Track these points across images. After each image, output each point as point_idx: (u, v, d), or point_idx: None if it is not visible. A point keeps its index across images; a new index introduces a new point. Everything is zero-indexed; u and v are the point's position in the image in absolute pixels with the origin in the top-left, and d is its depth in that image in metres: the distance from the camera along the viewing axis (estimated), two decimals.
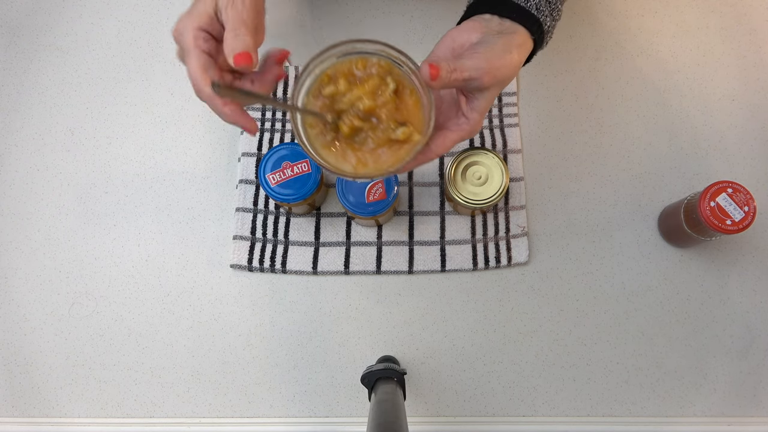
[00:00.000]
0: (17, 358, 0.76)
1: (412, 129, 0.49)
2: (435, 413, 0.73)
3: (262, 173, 0.70)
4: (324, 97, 0.50)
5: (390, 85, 0.49)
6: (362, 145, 0.50)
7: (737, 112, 0.81)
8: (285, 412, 0.73)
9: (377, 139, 0.49)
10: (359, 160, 0.50)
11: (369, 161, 0.49)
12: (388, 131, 0.49)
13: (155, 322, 0.76)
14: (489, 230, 0.76)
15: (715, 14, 0.84)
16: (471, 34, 0.51)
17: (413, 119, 0.50)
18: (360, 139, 0.50)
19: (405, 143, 0.49)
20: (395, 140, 0.49)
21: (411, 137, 0.49)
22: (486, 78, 0.47)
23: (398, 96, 0.50)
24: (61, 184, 0.81)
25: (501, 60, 0.48)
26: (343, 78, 0.49)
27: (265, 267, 0.76)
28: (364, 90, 0.49)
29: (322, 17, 0.86)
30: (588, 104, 0.81)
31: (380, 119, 0.49)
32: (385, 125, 0.49)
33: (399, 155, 0.49)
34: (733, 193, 0.65)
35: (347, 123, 0.49)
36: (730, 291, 0.75)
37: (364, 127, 0.49)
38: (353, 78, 0.50)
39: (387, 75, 0.50)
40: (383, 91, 0.49)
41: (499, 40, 0.50)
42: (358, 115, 0.49)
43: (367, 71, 0.50)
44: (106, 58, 0.86)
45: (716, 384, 0.73)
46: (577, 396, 0.73)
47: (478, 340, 0.75)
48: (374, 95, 0.49)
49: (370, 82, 0.49)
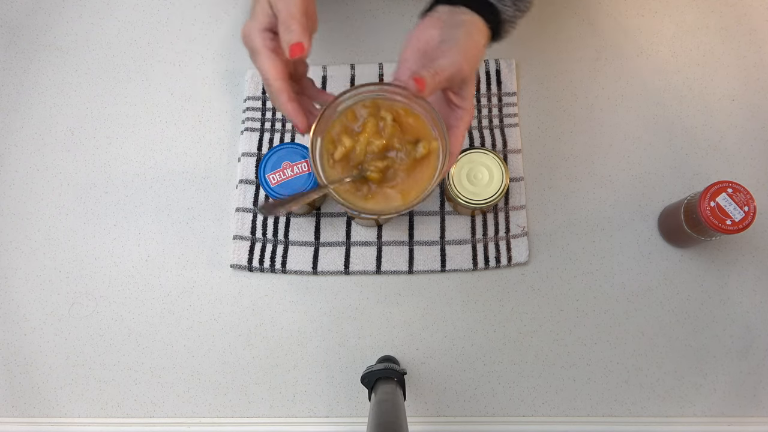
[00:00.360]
0: (17, 358, 0.76)
1: (428, 140, 0.52)
2: (435, 413, 0.73)
3: (262, 173, 0.70)
4: (339, 162, 0.52)
5: (387, 117, 0.52)
6: (396, 179, 0.53)
7: (737, 112, 0.80)
8: (285, 412, 0.73)
9: (405, 167, 0.52)
10: (401, 193, 0.52)
11: (410, 189, 0.52)
12: (410, 155, 0.52)
13: (155, 322, 0.76)
14: (489, 230, 0.76)
15: (715, 14, 0.84)
16: (430, 30, 0.53)
17: (422, 133, 0.53)
18: (391, 175, 0.52)
19: (429, 155, 0.52)
20: (420, 159, 0.52)
21: (431, 147, 0.52)
22: (465, 67, 0.51)
23: (398, 122, 0.53)
24: (61, 184, 0.81)
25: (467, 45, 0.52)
26: (345, 135, 0.52)
27: (265, 267, 0.76)
28: (369, 133, 0.52)
29: (322, 18, 0.86)
30: (588, 104, 0.81)
31: (397, 149, 0.52)
32: (405, 151, 0.52)
33: (431, 168, 0.52)
34: (733, 193, 0.65)
35: (373, 169, 0.52)
36: (730, 291, 0.75)
37: (389, 164, 0.52)
38: (352, 131, 0.53)
39: (378, 110, 0.52)
40: (384, 125, 0.52)
41: (459, 31, 0.52)
42: (378, 157, 0.52)
43: (359, 118, 0.53)
44: (106, 58, 0.86)
45: (716, 384, 0.73)
46: (577, 396, 0.73)
47: (478, 340, 0.75)
48: (379, 133, 0.52)
49: (368, 125, 0.52)
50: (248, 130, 0.81)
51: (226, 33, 0.86)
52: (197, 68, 0.85)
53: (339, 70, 0.82)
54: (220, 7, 0.87)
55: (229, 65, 0.85)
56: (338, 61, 0.84)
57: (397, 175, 0.52)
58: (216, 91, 0.84)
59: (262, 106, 0.82)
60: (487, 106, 0.81)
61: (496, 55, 0.83)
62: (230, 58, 0.85)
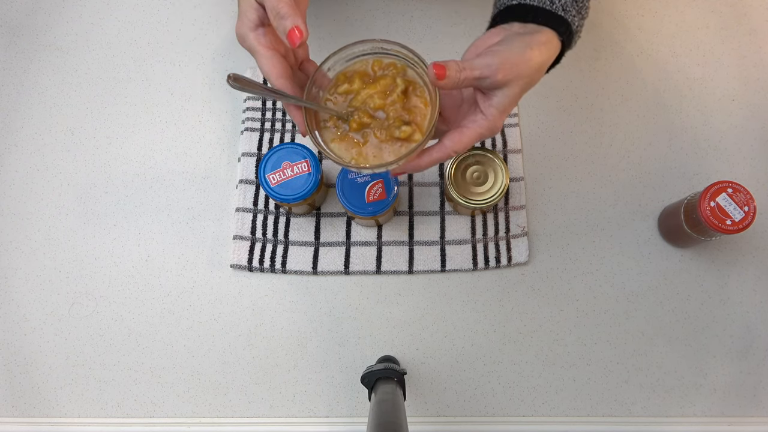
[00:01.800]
0: (17, 358, 0.76)
1: (415, 129, 0.51)
2: (435, 413, 0.73)
3: (262, 173, 0.70)
4: (338, 95, 0.53)
5: (399, 86, 0.52)
6: (366, 141, 0.52)
7: (737, 112, 0.80)
8: (285, 412, 0.73)
9: (381, 136, 0.52)
10: (360, 154, 0.52)
11: (370, 156, 0.52)
12: (392, 129, 0.51)
13: (155, 322, 0.76)
14: (489, 230, 0.76)
15: (715, 14, 0.84)
16: (494, 37, 0.51)
17: (418, 120, 0.52)
18: (365, 134, 0.52)
19: (406, 141, 0.51)
20: (398, 138, 0.51)
21: (412, 136, 0.51)
22: (499, 75, 0.47)
23: (407, 97, 0.52)
24: (61, 184, 0.81)
25: (517, 57, 0.48)
26: (358, 77, 0.53)
27: (265, 267, 0.76)
28: (376, 89, 0.52)
29: (322, 16, 0.86)
30: (588, 104, 0.81)
31: (387, 117, 0.52)
32: (390, 123, 0.52)
33: (400, 153, 0.51)
34: (733, 193, 0.65)
35: (356, 119, 0.52)
36: (730, 291, 0.75)
37: (371, 124, 0.52)
38: (367, 77, 0.53)
39: (398, 76, 0.52)
40: (393, 91, 0.52)
41: (518, 39, 0.50)
42: (368, 112, 0.52)
43: (381, 71, 0.53)
44: (106, 58, 0.86)
45: (716, 384, 0.73)
46: (577, 396, 0.73)
47: (478, 340, 0.75)
48: (385, 94, 0.52)
49: (382, 81, 0.52)
50: (248, 130, 0.81)
51: (226, 33, 0.86)
52: (197, 68, 0.85)
53: None
54: (220, 8, 0.87)
55: (229, 65, 0.85)
56: None
57: (369, 137, 0.52)
58: (216, 91, 0.84)
59: (262, 106, 0.82)
60: None
61: None
62: (230, 58, 0.85)
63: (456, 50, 0.84)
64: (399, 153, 0.51)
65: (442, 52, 0.83)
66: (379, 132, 0.52)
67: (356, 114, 0.52)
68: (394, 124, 0.51)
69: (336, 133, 0.53)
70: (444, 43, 0.84)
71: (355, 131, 0.52)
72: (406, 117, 0.52)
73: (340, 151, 0.52)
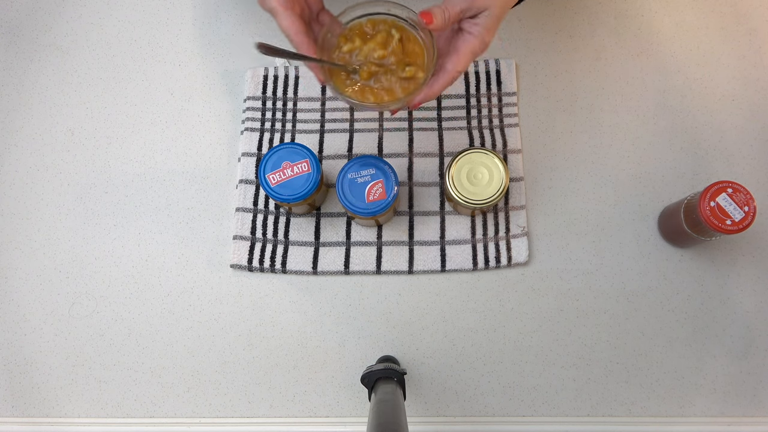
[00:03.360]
0: (17, 358, 0.76)
1: (417, 68, 0.61)
2: (435, 413, 0.73)
3: (262, 173, 0.70)
4: (344, 53, 0.61)
5: (395, 36, 0.61)
6: (378, 84, 0.61)
7: (737, 112, 0.80)
8: (285, 412, 0.73)
9: (389, 80, 0.61)
10: (376, 96, 0.61)
11: (384, 96, 0.61)
12: (397, 72, 0.61)
13: (155, 322, 0.76)
14: (489, 230, 0.76)
15: (715, 14, 0.84)
16: None
17: (419, 61, 0.61)
18: (377, 80, 0.61)
19: (412, 79, 0.61)
20: (404, 78, 0.61)
21: (416, 74, 0.61)
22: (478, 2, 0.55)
23: (404, 43, 0.62)
24: (61, 184, 0.81)
25: None
26: (358, 36, 0.61)
27: (265, 267, 0.76)
28: (376, 42, 0.61)
29: None
30: (588, 104, 0.81)
31: (391, 62, 0.61)
32: (395, 67, 0.61)
33: (408, 89, 0.61)
34: (733, 193, 0.65)
35: (365, 69, 0.61)
36: (730, 291, 0.75)
37: (378, 71, 0.61)
38: (365, 35, 0.62)
39: (392, 28, 0.61)
40: (390, 41, 0.61)
41: None
42: (374, 62, 0.61)
43: (376, 28, 0.62)
44: (106, 58, 0.86)
45: (716, 384, 0.73)
46: (577, 396, 0.73)
47: (478, 340, 0.75)
48: (384, 45, 0.61)
49: (379, 36, 0.61)
50: (248, 130, 0.81)
51: (226, 33, 0.86)
52: (197, 68, 0.85)
53: None
54: (220, 7, 0.87)
55: (229, 65, 0.85)
56: None
57: (380, 81, 0.61)
58: (216, 91, 0.84)
59: (262, 106, 0.82)
60: (487, 106, 0.81)
61: (496, 55, 0.83)
62: (230, 58, 0.85)
63: None
64: (409, 89, 0.60)
65: None
66: (386, 77, 0.61)
67: (364, 65, 0.60)
68: (398, 67, 0.61)
69: (351, 84, 0.61)
70: None
71: (366, 80, 0.61)
72: (407, 60, 0.61)
73: (356, 95, 0.61)
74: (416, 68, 0.61)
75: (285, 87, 0.82)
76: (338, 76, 0.61)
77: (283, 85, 0.82)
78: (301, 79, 0.83)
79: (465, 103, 0.81)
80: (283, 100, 0.82)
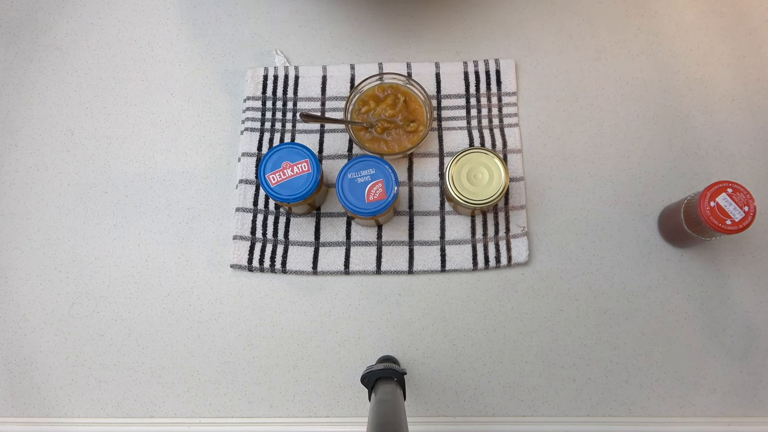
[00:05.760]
0: (17, 358, 0.76)
1: (419, 123, 0.77)
2: (435, 413, 0.73)
3: (262, 173, 0.70)
4: (362, 114, 0.78)
5: (401, 99, 0.77)
6: (390, 137, 0.77)
7: (737, 112, 0.80)
8: (285, 412, 0.73)
9: (398, 133, 0.77)
10: (388, 146, 0.77)
11: (395, 146, 0.77)
12: (404, 126, 0.77)
13: (155, 322, 0.76)
14: (489, 230, 0.76)
15: (715, 14, 0.84)
16: None
17: (418, 118, 0.77)
18: (388, 134, 0.77)
19: (415, 132, 0.77)
20: (409, 132, 0.77)
21: (418, 129, 0.77)
22: None
23: (408, 104, 0.78)
24: (61, 184, 0.81)
25: None
26: (372, 99, 0.78)
27: (265, 267, 0.76)
28: (387, 104, 0.77)
29: (323, 15, 0.86)
30: (588, 104, 0.81)
31: (399, 120, 0.77)
32: (402, 123, 0.77)
33: (413, 140, 0.76)
34: (733, 193, 0.65)
35: (379, 126, 0.76)
36: (730, 291, 0.75)
37: (389, 127, 0.77)
38: (377, 98, 0.78)
39: (397, 92, 0.78)
40: (397, 103, 0.77)
41: None
42: (385, 119, 0.76)
43: (385, 92, 0.78)
44: (106, 58, 0.86)
45: (716, 384, 0.73)
46: (577, 396, 0.73)
47: (478, 340, 0.75)
48: (393, 106, 0.77)
49: (388, 99, 0.77)
50: (248, 130, 0.81)
51: (226, 33, 0.86)
52: (197, 68, 0.85)
53: (339, 69, 0.83)
54: (221, 7, 0.87)
55: (229, 65, 0.85)
56: (338, 61, 0.84)
57: (391, 134, 0.77)
58: (216, 91, 0.84)
59: (262, 106, 0.82)
60: (487, 106, 0.81)
61: (496, 55, 0.83)
62: (230, 58, 0.85)
63: (456, 50, 0.85)
64: (413, 141, 0.76)
65: (443, 51, 0.84)
66: (396, 131, 0.77)
67: (378, 122, 0.76)
68: (404, 123, 0.77)
69: (366, 136, 0.77)
70: (444, 42, 0.84)
71: (380, 133, 0.77)
72: (411, 117, 0.77)
73: (373, 147, 0.76)
74: (418, 124, 0.77)
75: (285, 87, 0.82)
76: (358, 130, 0.77)
77: (283, 85, 0.82)
78: (301, 79, 0.83)
79: (465, 103, 0.81)
80: (283, 100, 0.82)
